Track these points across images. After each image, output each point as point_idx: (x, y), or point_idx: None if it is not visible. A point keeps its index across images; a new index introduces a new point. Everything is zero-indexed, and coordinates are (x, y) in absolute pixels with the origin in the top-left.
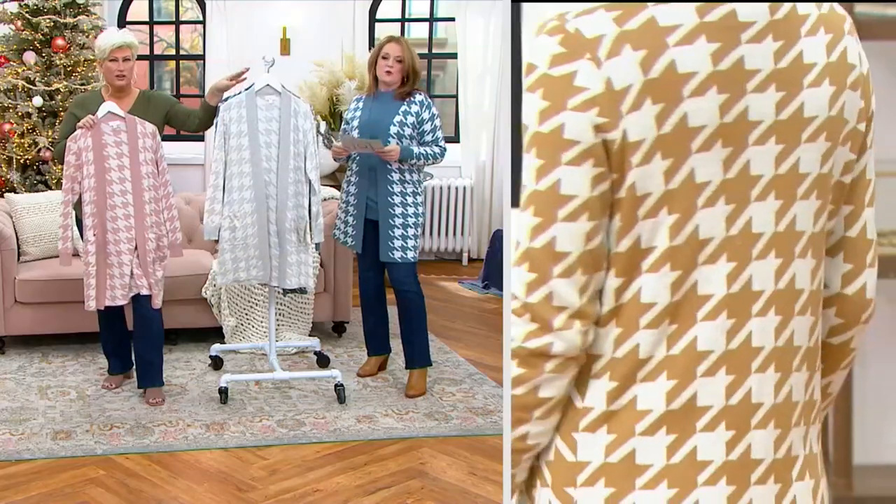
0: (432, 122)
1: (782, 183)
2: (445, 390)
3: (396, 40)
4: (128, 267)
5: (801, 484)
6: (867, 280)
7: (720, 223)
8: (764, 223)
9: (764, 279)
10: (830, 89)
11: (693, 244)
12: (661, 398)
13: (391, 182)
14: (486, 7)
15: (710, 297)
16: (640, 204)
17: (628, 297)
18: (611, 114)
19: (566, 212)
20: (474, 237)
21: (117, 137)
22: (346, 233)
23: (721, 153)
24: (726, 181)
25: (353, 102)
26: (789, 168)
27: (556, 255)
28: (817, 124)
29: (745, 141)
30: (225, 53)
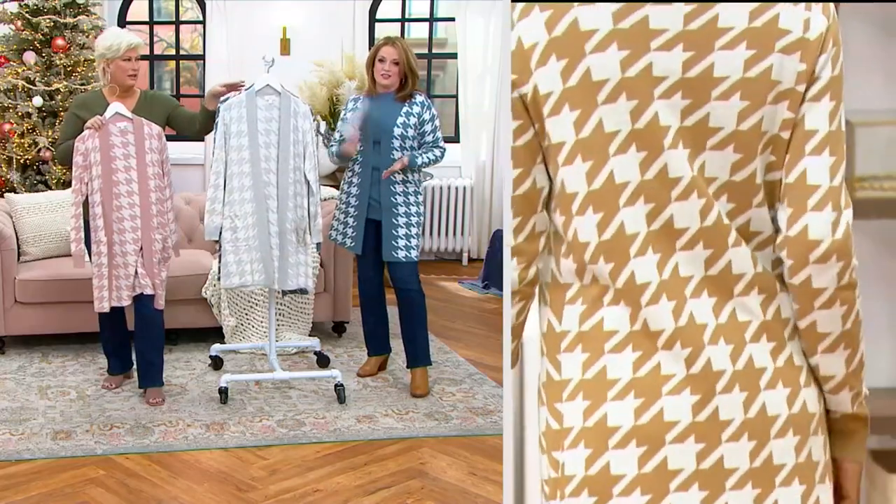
0: (433, 122)
1: (690, 134)
2: (445, 390)
3: (392, 43)
4: (133, 268)
5: (771, 392)
6: (809, 222)
7: (634, 168)
8: (679, 169)
9: (686, 217)
10: (747, 52)
11: (610, 188)
12: (625, 320)
13: (393, 182)
14: (486, 7)
15: (636, 234)
16: (557, 151)
17: (570, 236)
18: (522, 70)
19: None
20: (474, 237)
21: (124, 138)
22: (344, 234)
23: (627, 105)
24: (635, 130)
25: (351, 103)
26: (697, 121)
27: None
28: (729, 84)
29: (651, 95)
30: (225, 53)
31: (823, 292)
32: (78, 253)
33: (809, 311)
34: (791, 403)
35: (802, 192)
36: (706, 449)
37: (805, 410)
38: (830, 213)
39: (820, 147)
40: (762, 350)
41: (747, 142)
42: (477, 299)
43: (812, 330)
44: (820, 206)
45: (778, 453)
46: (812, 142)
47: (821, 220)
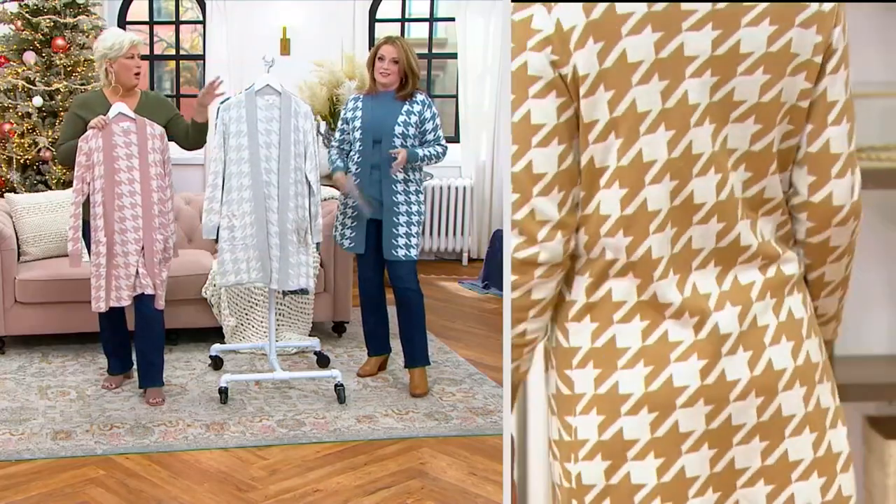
0: (433, 121)
1: (717, 109)
2: (445, 390)
3: (392, 42)
4: (134, 268)
5: (775, 348)
6: (833, 189)
7: (662, 147)
8: (702, 145)
9: (705, 193)
10: (770, 28)
11: (638, 166)
12: (633, 291)
13: (395, 181)
14: (486, 7)
15: (658, 211)
16: (590, 129)
17: (591, 209)
18: (562, 52)
19: (539, 138)
20: (474, 237)
21: (127, 138)
22: (343, 234)
23: (658, 85)
24: (665, 110)
25: (351, 102)
26: (723, 96)
27: (534, 176)
28: (754, 59)
29: (682, 74)
30: (225, 53)
31: (837, 249)
32: (75, 252)
33: (821, 266)
34: (795, 356)
35: (826, 160)
36: (715, 410)
37: (809, 361)
38: (850, 178)
39: (840, 117)
40: (765, 308)
41: (767, 113)
42: (477, 299)
43: (820, 280)
44: (842, 174)
45: (787, 405)
46: (833, 112)
47: (843, 186)
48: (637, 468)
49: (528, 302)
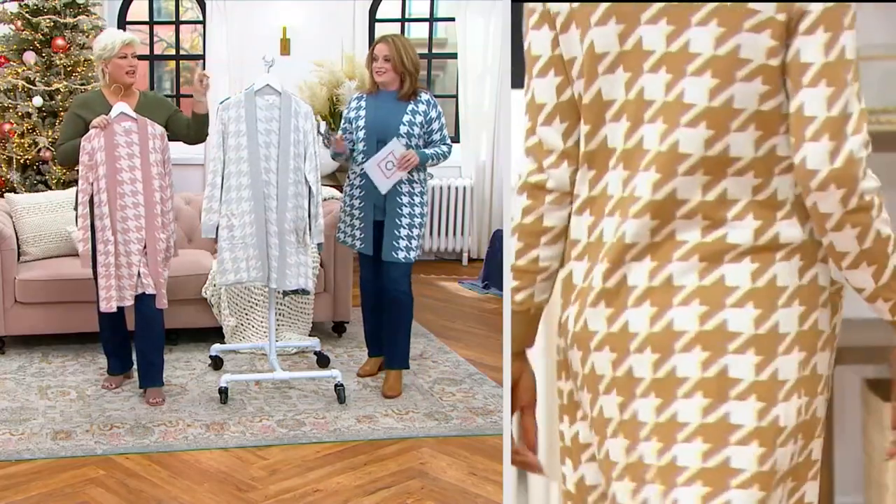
0: (439, 120)
1: (672, 60)
2: (445, 390)
3: (385, 40)
4: (136, 267)
5: (682, 309)
6: (807, 153)
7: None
8: (654, 92)
9: (651, 140)
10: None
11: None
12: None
13: (399, 181)
14: (486, 7)
15: (613, 150)
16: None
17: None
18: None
19: (537, 68)
20: (474, 237)
21: (129, 138)
22: (353, 236)
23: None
24: (623, 52)
25: (354, 101)
26: (679, 48)
27: (537, 106)
28: (708, 9)
29: (638, 19)
30: (225, 53)
31: (830, 217)
32: (85, 253)
33: (824, 233)
34: (705, 320)
35: (800, 123)
36: (618, 358)
37: (776, 331)
38: (828, 143)
39: (816, 79)
40: (687, 269)
41: (723, 67)
42: (477, 299)
43: (832, 249)
44: (816, 137)
45: (681, 367)
46: (808, 74)
47: (817, 150)
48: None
49: (539, 227)
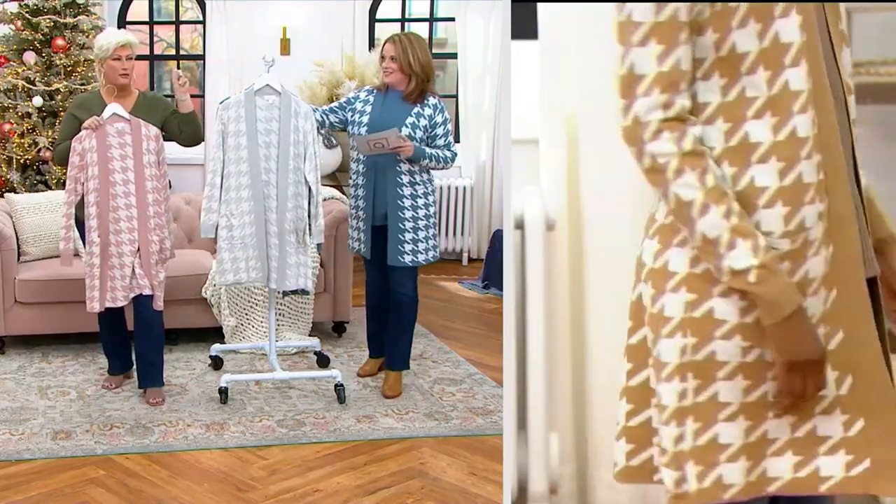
0: (445, 126)
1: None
2: (445, 390)
3: (391, 40)
4: (129, 268)
5: (648, 241)
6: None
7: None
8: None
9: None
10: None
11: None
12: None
13: (401, 184)
14: (486, 7)
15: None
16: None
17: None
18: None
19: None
20: (474, 237)
21: (122, 139)
22: (359, 240)
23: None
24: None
25: (364, 93)
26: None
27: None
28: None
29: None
30: (225, 53)
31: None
32: (66, 251)
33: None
34: (655, 258)
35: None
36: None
37: (665, 268)
38: (621, 101)
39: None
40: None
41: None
42: (477, 299)
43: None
44: (618, 93)
45: (644, 296)
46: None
47: (617, 106)
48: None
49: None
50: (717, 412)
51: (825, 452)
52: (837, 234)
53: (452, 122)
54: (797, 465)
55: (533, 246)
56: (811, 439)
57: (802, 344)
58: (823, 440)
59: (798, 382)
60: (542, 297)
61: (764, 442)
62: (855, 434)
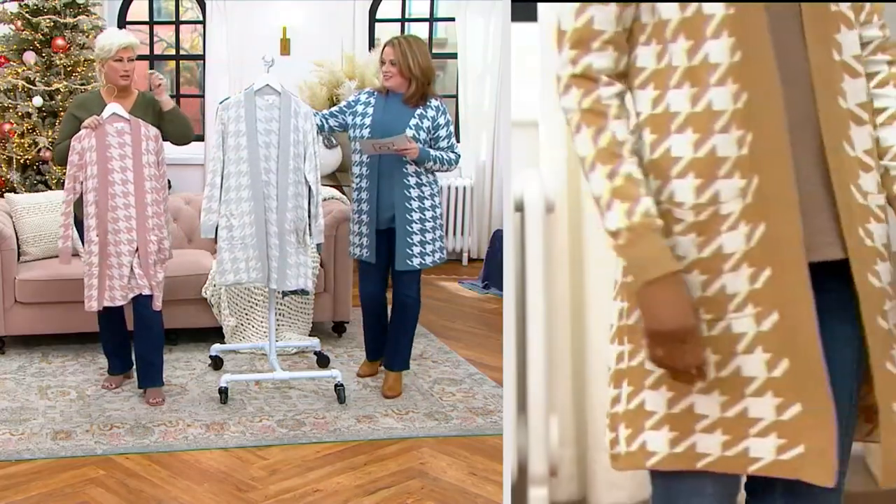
0: (447, 127)
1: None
2: (445, 390)
3: (391, 43)
4: (127, 268)
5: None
6: None
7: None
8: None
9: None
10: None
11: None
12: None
13: (407, 186)
14: (486, 7)
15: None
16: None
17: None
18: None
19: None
20: (474, 237)
21: (121, 139)
22: (360, 245)
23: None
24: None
25: (365, 95)
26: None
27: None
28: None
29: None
30: (225, 53)
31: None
32: (64, 249)
33: None
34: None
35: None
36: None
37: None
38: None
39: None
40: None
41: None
42: (477, 299)
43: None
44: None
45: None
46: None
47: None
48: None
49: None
50: (644, 378)
51: (756, 434)
52: (772, 213)
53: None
54: (726, 444)
55: (532, 228)
56: (742, 420)
57: (664, 313)
58: (754, 422)
59: (658, 353)
60: (542, 278)
61: (691, 415)
62: (789, 418)
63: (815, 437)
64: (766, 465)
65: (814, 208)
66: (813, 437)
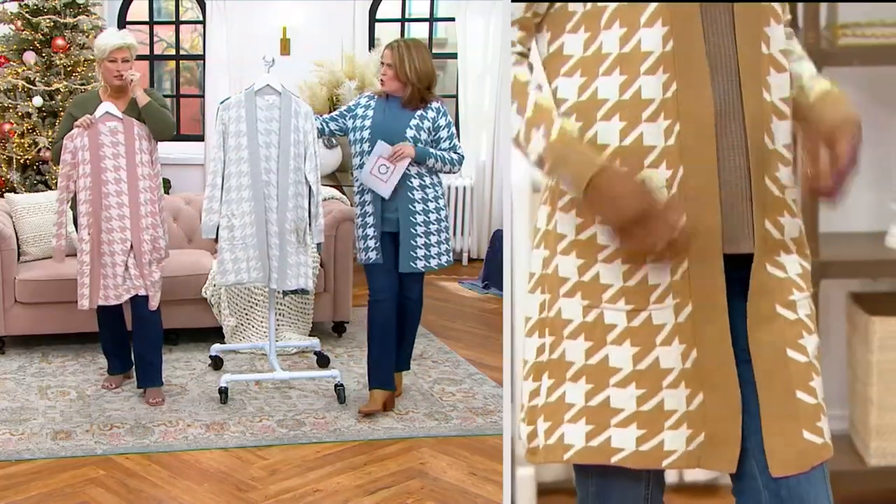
0: (448, 129)
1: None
2: (445, 390)
3: (390, 46)
4: (121, 267)
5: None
6: None
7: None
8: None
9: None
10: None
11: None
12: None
13: (411, 188)
14: (486, 7)
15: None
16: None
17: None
18: None
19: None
20: (474, 237)
21: (114, 138)
22: (366, 248)
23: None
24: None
25: (365, 98)
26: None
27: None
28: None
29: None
30: (225, 53)
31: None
32: (58, 248)
33: None
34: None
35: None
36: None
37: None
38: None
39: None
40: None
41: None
42: (477, 299)
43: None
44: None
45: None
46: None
47: None
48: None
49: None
50: (566, 370)
51: (671, 427)
52: (694, 205)
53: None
54: (641, 439)
55: (518, 208)
56: (658, 413)
57: (618, 202)
58: (670, 414)
59: (634, 243)
60: (516, 242)
61: (607, 409)
62: (695, 408)
63: (714, 425)
64: (679, 458)
65: (738, 200)
66: (713, 426)
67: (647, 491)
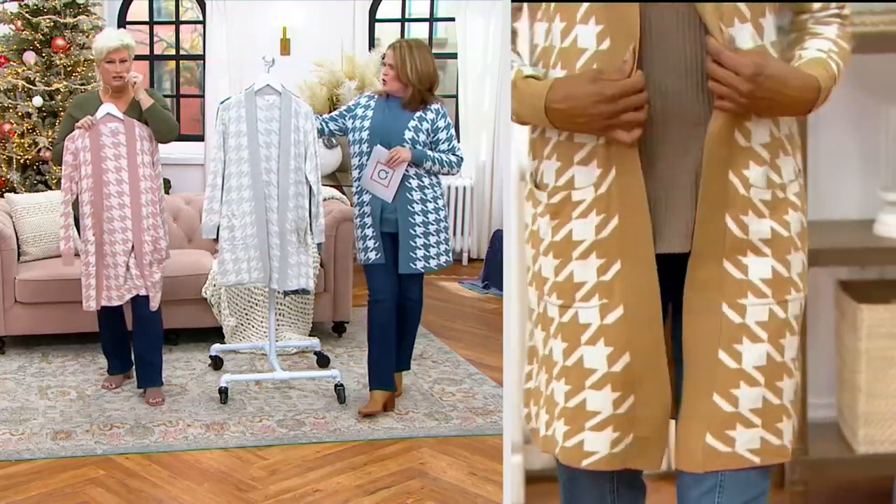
0: (447, 131)
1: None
2: (445, 390)
3: (392, 47)
4: (122, 268)
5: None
6: None
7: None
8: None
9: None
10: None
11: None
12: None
13: (409, 189)
14: (486, 7)
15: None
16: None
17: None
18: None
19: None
20: (474, 237)
21: (115, 139)
22: (364, 249)
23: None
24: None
25: (364, 98)
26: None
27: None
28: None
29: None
30: (225, 53)
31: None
32: (66, 251)
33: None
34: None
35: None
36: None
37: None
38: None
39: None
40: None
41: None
42: (477, 299)
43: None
44: None
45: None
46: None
47: None
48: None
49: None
50: (552, 367)
51: (592, 427)
52: (625, 206)
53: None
54: (566, 435)
55: (509, 196)
56: (580, 412)
57: (578, 102)
58: (592, 415)
59: (619, 122)
60: (515, 242)
61: (552, 402)
62: (624, 411)
63: (643, 427)
64: (601, 459)
65: (684, 198)
66: (641, 428)
67: (611, 485)
